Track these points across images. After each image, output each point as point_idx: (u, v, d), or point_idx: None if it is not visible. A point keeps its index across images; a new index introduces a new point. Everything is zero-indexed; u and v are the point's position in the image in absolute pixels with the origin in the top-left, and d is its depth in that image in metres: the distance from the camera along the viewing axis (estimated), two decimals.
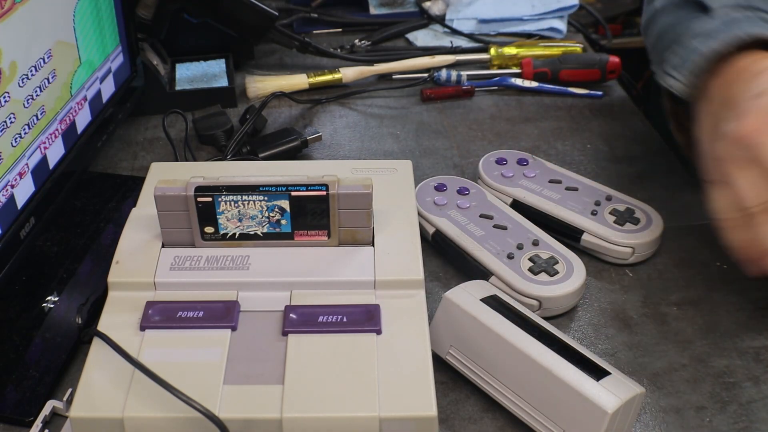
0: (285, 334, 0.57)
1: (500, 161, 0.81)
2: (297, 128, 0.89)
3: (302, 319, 0.58)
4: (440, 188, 0.77)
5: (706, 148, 0.49)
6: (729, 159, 0.47)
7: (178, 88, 0.97)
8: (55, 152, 0.70)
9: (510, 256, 0.69)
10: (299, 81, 0.99)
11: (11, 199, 0.62)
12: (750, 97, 0.46)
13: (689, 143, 0.54)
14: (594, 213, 0.74)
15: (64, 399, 0.59)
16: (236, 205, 0.60)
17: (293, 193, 0.60)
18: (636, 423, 0.60)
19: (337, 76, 1.00)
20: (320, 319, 0.58)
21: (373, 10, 1.19)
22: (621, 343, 0.66)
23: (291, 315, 0.58)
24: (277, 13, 0.99)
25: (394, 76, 1.03)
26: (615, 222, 0.73)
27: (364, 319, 0.58)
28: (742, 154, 0.47)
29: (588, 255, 0.74)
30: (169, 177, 0.62)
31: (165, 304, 0.59)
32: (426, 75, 1.02)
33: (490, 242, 0.71)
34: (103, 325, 0.58)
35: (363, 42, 1.10)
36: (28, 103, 0.64)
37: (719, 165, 0.49)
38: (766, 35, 0.48)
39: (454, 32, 1.13)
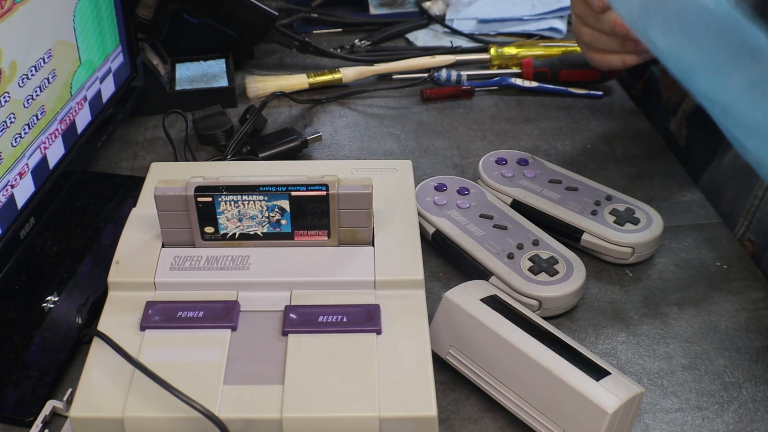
0: (285, 334, 0.57)
1: (500, 161, 0.81)
2: (297, 128, 0.89)
3: (302, 319, 0.58)
4: (440, 188, 0.77)
5: None
6: None
7: (178, 88, 0.97)
8: (55, 152, 0.70)
9: (510, 256, 0.69)
10: (299, 81, 0.99)
11: (11, 199, 0.62)
12: None
13: None
14: (594, 213, 0.74)
15: (64, 399, 0.59)
16: (236, 205, 0.60)
17: (293, 193, 0.60)
18: (636, 423, 0.60)
19: (337, 76, 1.00)
20: (320, 319, 0.58)
21: (373, 10, 1.19)
22: (621, 343, 0.66)
23: (291, 315, 0.58)
24: (277, 13, 0.99)
25: (394, 76, 1.03)
26: (615, 222, 0.73)
27: (364, 319, 0.58)
28: None
29: (588, 255, 0.74)
30: (169, 177, 0.62)
31: (165, 304, 0.59)
32: (426, 75, 1.02)
33: (490, 242, 0.71)
34: (103, 325, 0.58)
35: (363, 42, 1.10)
36: (28, 103, 0.64)
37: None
38: None
39: (454, 32, 1.13)
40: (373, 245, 0.63)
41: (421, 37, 1.13)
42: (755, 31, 0.43)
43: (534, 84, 1.00)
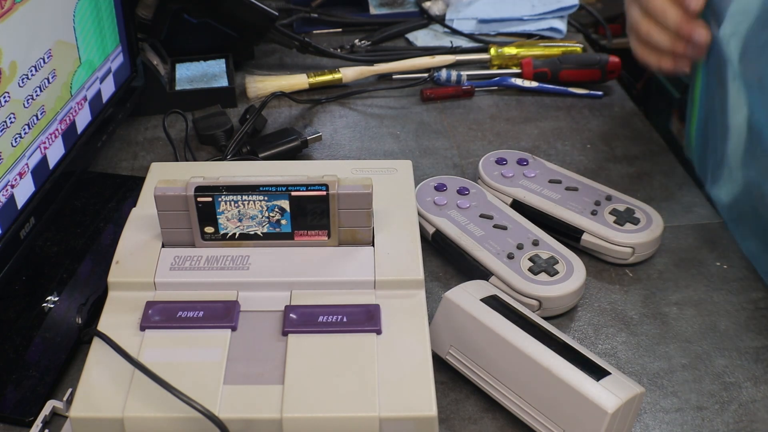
0: (285, 334, 0.57)
1: (500, 161, 0.81)
2: (297, 128, 0.89)
3: (302, 319, 0.58)
4: (440, 188, 0.77)
5: None
6: None
7: (178, 88, 0.97)
8: (55, 152, 0.70)
9: (510, 256, 0.69)
10: (299, 81, 0.99)
11: (11, 199, 0.62)
12: None
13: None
14: (594, 213, 0.74)
15: (64, 399, 0.59)
16: (236, 205, 0.60)
17: (293, 193, 0.60)
18: (636, 423, 0.60)
19: (337, 76, 1.00)
20: (320, 319, 0.58)
21: (373, 10, 1.19)
22: (621, 343, 0.66)
23: (291, 315, 0.58)
24: (277, 13, 0.99)
25: (394, 76, 1.03)
26: (615, 222, 0.73)
27: (364, 319, 0.58)
28: None
29: (588, 255, 0.74)
30: (169, 177, 0.62)
31: (165, 304, 0.59)
32: (426, 75, 1.02)
33: (490, 242, 0.71)
34: (103, 325, 0.58)
35: (363, 42, 1.10)
36: (28, 103, 0.64)
37: None
38: None
39: (454, 32, 1.13)
40: (373, 245, 0.63)
41: (421, 37, 1.13)
42: None
43: (534, 84, 1.00)
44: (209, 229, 0.62)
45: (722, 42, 0.70)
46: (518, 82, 1.01)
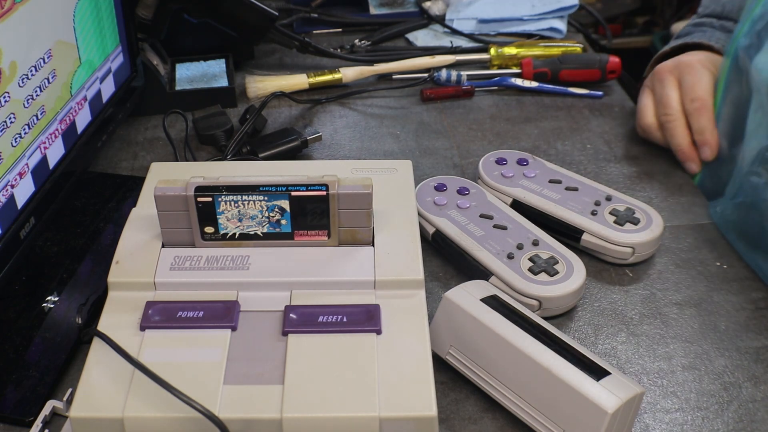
0: (285, 334, 0.57)
1: (500, 161, 0.81)
2: (297, 128, 0.89)
3: (302, 319, 0.58)
4: (440, 188, 0.77)
5: (654, 72, 0.90)
6: (656, 77, 0.89)
7: (178, 88, 0.97)
8: (55, 152, 0.70)
9: (510, 256, 0.69)
10: (299, 81, 0.99)
11: (11, 199, 0.62)
12: (670, 60, 0.89)
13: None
14: (594, 213, 0.74)
15: (64, 399, 0.59)
16: (236, 205, 0.60)
17: (293, 193, 0.60)
18: (636, 423, 0.60)
19: (337, 76, 1.00)
20: (320, 319, 0.58)
21: (373, 10, 1.19)
22: (621, 343, 0.66)
23: (291, 315, 0.58)
24: (277, 13, 0.99)
25: (394, 76, 1.03)
26: (615, 222, 0.73)
27: (364, 319, 0.58)
28: (657, 77, 0.89)
29: (588, 255, 0.74)
30: (169, 177, 0.62)
31: (165, 304, 0.59)
32: (426, 75, 1.02)
33: (490, 242, 0.71)
34: (103, 325, 0.58)
35: (363, 42, 1.10)
36: (28, 103, 0.64)
37: (652, 79, 0.90)
38: (695, 42, 0.92)
39: (454, 32, 1.13)
40: (373, 245, 0.63)
41: (421, 37, 1.13)
42: None
43: (534, 84, 1.00)
44: (209, 229, 0.62)
45: (756, 71, 0.72)
46: (518, 82, 1.01)
